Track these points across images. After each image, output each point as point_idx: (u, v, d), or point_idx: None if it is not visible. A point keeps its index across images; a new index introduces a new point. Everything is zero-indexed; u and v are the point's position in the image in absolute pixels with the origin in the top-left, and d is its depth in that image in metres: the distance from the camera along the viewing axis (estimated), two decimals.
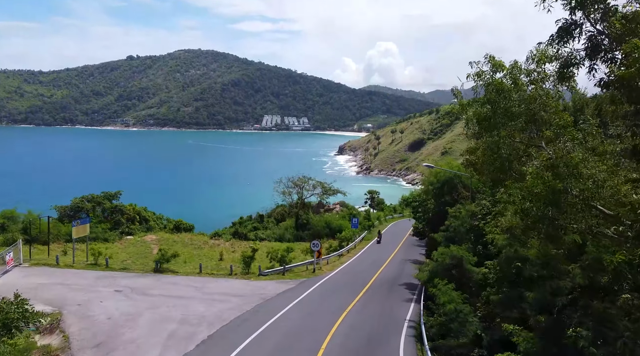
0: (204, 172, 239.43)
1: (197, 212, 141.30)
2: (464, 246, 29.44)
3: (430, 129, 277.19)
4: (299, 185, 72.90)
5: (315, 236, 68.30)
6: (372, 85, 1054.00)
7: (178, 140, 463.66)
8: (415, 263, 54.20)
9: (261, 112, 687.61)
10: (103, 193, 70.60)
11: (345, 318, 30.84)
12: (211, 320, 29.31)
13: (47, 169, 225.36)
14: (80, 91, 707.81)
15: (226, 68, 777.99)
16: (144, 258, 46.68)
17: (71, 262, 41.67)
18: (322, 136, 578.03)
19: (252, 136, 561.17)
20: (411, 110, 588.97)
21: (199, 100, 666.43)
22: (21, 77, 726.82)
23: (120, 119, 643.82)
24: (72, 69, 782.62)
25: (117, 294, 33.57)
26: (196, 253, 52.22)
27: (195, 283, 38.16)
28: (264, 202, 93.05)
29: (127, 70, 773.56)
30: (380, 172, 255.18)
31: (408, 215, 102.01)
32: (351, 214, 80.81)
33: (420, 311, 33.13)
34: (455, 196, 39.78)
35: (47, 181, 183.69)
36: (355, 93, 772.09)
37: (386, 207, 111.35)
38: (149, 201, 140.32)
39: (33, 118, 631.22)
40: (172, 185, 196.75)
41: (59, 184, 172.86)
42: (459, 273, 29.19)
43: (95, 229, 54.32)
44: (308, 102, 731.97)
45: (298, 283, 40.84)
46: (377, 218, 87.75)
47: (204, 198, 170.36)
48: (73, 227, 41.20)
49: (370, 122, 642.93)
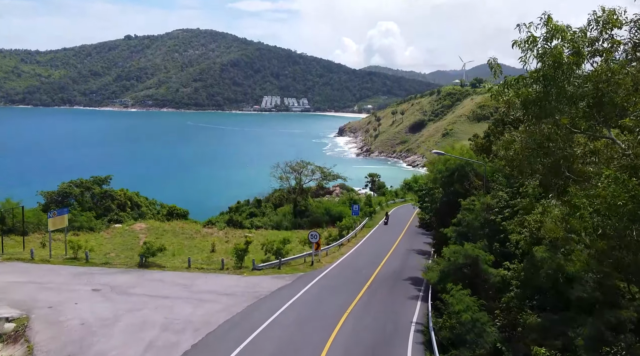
0: (204, 154, 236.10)
1: (194, 195, 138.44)
2: (478, 244, 26.27)
3: (431, 110, 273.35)
4: (297, 170, 69.43)
5: (314, 224, 65.22)
6: (373, 65, 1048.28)
7: (177, 121, 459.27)
8: (420, 253, 51.19)
9: (260, 93, 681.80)
10: (92, 177, 67.24)
11: (345, 323, 27.81)
12: (197, 325, 26.28)
13: (39, 151, 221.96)
14: (78, 71, 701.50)
15: (225, 48, 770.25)
16: (130, 250, 43.54)
17: (48, 256, 38.40)
18: (322, 117, 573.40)
19: (252, 117, 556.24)
20: (412, 91, 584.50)
21: (197, 80, 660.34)
22: (18, 57, 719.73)
23: (119, 100, 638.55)
24: (69, 49, 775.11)
25: (94, 294, 30.47)
26: (187, 243, 49.12)
27: (183, 279, 35.06)
28: (263, 184, 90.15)
29: (125, 50, 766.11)
30: (380, 154, 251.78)
31: (410, 200, 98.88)
32: (351, 200, 77.56)
33: (427, 311, 30.17)
34: (466, 185, 36.54)
35: (37, 164, 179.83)
36: (356, 74, 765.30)
37: (387, 191, 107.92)
38: (144, 185, 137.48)
39: (31, 99, 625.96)
40: (170, 168, 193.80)
41: (51, 167, 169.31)
42: (473, 273, 26.06)
43: (80, 217, 51.09)
44: (308, 83, 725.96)
45: (295, 278, 37.76)
46: (378, 204, 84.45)
47: (202, 181, 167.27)
48: (49, 218, 37.83)
49: (370, 104, 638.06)
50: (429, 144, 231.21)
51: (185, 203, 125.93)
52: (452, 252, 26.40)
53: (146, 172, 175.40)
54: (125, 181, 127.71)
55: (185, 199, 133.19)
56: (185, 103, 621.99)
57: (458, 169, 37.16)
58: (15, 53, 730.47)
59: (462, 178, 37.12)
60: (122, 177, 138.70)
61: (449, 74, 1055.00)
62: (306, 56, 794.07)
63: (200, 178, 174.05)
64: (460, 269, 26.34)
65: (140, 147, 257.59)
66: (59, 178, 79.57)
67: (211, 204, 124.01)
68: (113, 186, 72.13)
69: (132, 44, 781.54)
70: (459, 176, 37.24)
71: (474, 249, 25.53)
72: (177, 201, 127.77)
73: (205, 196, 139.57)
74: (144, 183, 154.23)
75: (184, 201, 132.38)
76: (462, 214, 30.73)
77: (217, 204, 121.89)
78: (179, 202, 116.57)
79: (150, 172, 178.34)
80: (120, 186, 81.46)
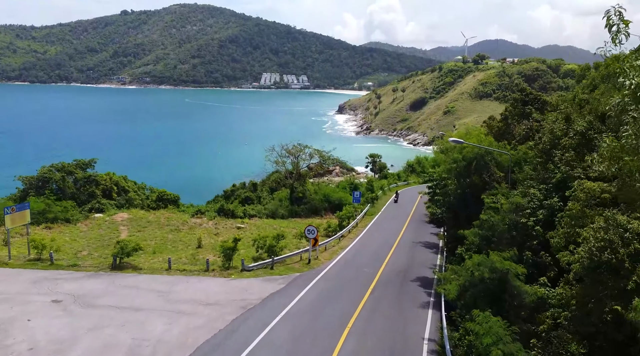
0: (201, 133, 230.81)
1: (190, 177, 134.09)
2: (506, 253, 21.77)
3: (432, 87, 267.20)
4: (293, 154, 64.53)
5: (312, 212, 60.86)
6: (373, 42, 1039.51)
7: (175, 99, 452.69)
8: (427, 246, 46.86)
9: (259, 70, 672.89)
10: (75, 160, 62.43)
11: (346, 342, 23.55)
12: (170, 348, 22.03)
13: (31, 131, 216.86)
14: (74, 47, 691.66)
15: (223, 24, 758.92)
16: (105, 247, 38.99)
17: (6, 258, 33.85)
18: (321, 95, 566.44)
19: (251, 94, 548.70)
20: (412, 68, 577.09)
21: (196, 57, 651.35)
22: (13, 32, 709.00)
23: (116, 77, 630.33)
24: (65, 25, 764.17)
25: (53, 307, 26.11)
26: (171, 237, 44.52)
27: (161, 284, 30.69)
28: (260, 163, 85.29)
29: (122, 25, 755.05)
30: (380, 132, 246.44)
31: (414, 183, 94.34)
32: (352, 185, 72.95)
33: (441, 323, 26.00)
34: (486, 178, 31.92)
35: (24, 145, 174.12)
36: (356, 50, 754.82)
37: (389, 174, 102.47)
38: (137, 167, 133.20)
39: (27, 75, 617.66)
40: (165, 148, 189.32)
41: (39, 149, 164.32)
42: (500, 289, 21.64)
43: (55, 207, 46.47)
44: (307, 59, 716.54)
45: (289, 280, 33.43)
46: (380, 188, 79.35)
47: (199, 161, 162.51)
48: (6, 215, 33.20)
49: (370, 81, 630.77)
50: (431, 122, 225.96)
51: (179, 185, 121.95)
52: (475, 265, 21.88)
53: (139, 153, 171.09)
54: (117, 163, 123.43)
55: (180, 181, 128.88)
56: (184, 80, 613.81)
57: (477, 158, 32.39)
58: (10, 28, 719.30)
59: (481, 169, 32.38)
60: (113, 158, 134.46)
61: (450, 50, 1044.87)
62: (306, 32, 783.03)
63: (196, 158, 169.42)
64: (485, 283, 21.90)
65: (134, 126, 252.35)
66: (46, 160, 75.02)
67: (206, 187, 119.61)
68: (103, 168, 67.49)
69: (129, 20, 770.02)
70: (477, 167, 32.49)
71: (503, 261, 21.04)
72: (171, 183, 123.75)
73: (201, 177, 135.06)
74: (137, 165, 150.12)
75: (178, 183, 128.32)
76: (485, 214, 26.13)
77: (212, 186, 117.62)
78: (173, 184, 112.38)
79: (144, 153, 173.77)
80: (111, 167, 76.79)
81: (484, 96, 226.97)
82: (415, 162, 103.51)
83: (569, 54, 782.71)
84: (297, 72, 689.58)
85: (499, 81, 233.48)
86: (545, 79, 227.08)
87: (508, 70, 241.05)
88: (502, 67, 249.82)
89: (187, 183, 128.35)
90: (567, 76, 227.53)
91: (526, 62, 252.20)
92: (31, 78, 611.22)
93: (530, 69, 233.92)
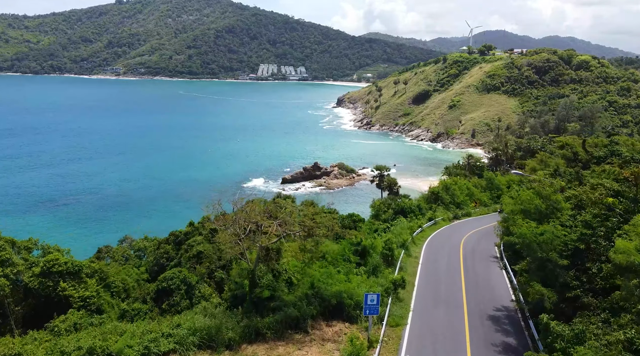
0: (186, 129, 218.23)
1: (175, 176, 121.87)
2: None
3: (436, 79, 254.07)
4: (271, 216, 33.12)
5: (287, 326, 29.05)
6: (373, 32, 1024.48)
7: (168, 90, 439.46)
8: None
9: (257, 60, 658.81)
10: None
11: None
12: None
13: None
14: (67, 37, 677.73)
15: (220, 13, 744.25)
16: None
17: None
18: (320, 86, 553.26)
19: (247, 86, 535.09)
20: (413, 59, 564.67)
21: (191, 47, 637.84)
22: (5, 21, 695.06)
23: (110, 68, 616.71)
24: (58, 14, 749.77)
25: None
26: None
27: None
28: (249, 161, 71.34)
29: (117, 15, 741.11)
30: (382, 127, 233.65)
31: (443, 222, 65.93)
32: (357, 249, 41.03)
33: None
34: None
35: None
36: (355, 41, 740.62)
37: (407, 205, 66.96)
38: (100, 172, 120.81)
39: (19, 66, 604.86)
40: (139, 151, 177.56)
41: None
42: None
43: None
44: (306, 50, 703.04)
45: None
46: (401, 245, 47.79)
47: (190, 160, 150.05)
48: None
49: (370, 72, 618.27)
50: (435, 117, 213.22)
51: (167, 186, 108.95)
52: None
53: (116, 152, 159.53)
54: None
55: (168, 182, 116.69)
56: (179, 71, 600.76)
57: None
58: (2, 17, 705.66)
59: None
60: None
61: (451, 41, 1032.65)
62: (304, 22, 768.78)
63: (187, 156, 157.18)
64: None
65: (117, 120, 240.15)
66: None
67: (191, 187, 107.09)
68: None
69: (124, 9, 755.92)
70: None
71: None
72: (153, 184, 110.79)
73: (187, 177, 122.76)
74: (99, 169, 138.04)
75: (167, 184, 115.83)
76: None
77: (198, 188, 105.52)
78: (155, 186, 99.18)
79: (125, 148, 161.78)
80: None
81: (491, 88, 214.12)
82: (441, 188, 77.84)
83: (570, 45, 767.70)
84: (295, 63, 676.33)
85: (507, 73, 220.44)
86: (557, 71, 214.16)
87: (517, 61, 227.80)
88: (510, 59, 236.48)
89: (175, 183, 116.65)
90: (579, 68, 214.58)
91: (536, 53, 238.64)
92: (23, 69, 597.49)
93: (541, 61, 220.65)
